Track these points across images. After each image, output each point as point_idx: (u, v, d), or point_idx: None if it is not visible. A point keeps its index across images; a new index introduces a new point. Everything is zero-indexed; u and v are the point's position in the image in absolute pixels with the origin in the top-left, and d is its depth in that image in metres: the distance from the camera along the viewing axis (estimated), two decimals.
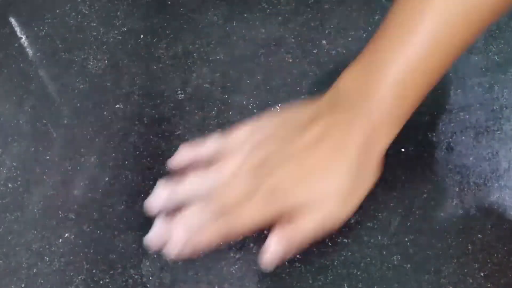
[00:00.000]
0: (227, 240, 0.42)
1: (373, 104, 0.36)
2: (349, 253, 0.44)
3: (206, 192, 0.41)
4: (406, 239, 0.44)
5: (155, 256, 0.45)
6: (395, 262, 0.43)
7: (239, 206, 0.39)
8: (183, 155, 0.44)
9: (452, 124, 0.47)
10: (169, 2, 0.55)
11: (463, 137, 0.47)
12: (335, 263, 0.43)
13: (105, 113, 0.50)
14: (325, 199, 0.38)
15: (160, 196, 0.42)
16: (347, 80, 0.39)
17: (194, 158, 0.43)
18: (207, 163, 0.42)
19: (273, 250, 0.39)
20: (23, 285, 0.45)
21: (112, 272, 0.44)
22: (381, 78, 0.35)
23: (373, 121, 0.36)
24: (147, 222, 0.46)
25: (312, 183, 0.38)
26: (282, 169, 0.38)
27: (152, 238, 0.41)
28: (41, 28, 0.54)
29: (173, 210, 0.42)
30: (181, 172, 0.43)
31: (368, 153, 0.38)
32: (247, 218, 0.39)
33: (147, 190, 0.47)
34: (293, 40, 0.52)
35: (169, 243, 0.41)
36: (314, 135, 0.38)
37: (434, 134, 0.47)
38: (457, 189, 0.45)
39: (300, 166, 0.38)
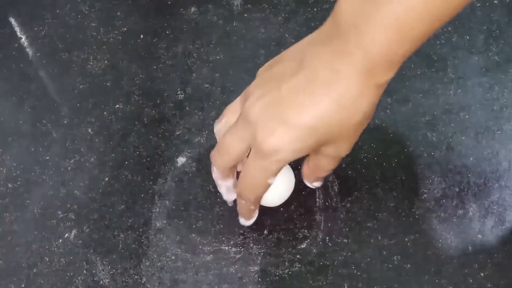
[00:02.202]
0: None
1: (367, 45, 0.32)
2: (349, 253, 0.44)
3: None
4: (406, 239, 0.44)
5: (155, 256, 0.45)
6: (395, 262, 0.43)
7: (245, 174, 0.39)
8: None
9: (452, 124, 0.47)
10: (169, 2, 0.55)
11: (463, 137, 0.47)
12: (335, 263, 0.43)
13: (105, 113, 0.50)
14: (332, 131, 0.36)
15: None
16: (345, 10, 0.34)
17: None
18: None
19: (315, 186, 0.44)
20: (23, 285, 0.45)
21: (112, 272, 0.44)
22: (377, 19, 0.32)
23: (365, 62, 0.33)
24: (147, 222, 0.46)
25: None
26: (268, 124, 0.36)
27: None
28: (41, 28, 0.54)
29: None
30: None
31: (362, 86, 0.34)
32: (255, 186, 0.39)
33: (147, 190, 0.47)
34: (293, 40, 0.52)
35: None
36: (306, 73, 0.35)
37: (434, 134, 0.47)
38: (457, 189, 0.45)
39: (288, 114, 0.35)
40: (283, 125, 0.35)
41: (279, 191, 0.43)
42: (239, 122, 0.38)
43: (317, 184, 0.44)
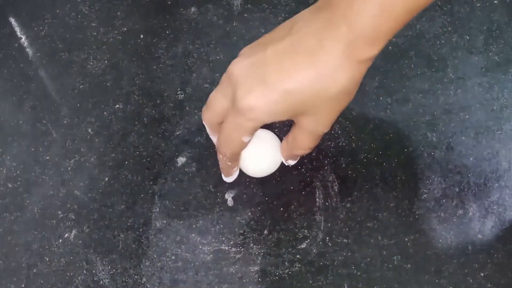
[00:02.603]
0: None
1: (352, 17, 0.33)
2: (349, 253, 0.44)
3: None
4: (406, 239, 0.44)
5: (155, 256, 0.45)
6: (395, 262, 0.43)
7: (223, 130, 0.40)
8: None
9: (452, 124, 0.47)
10: (169, 2, 0.55)
11: (463, 137, 0.47)
12: (335, 263, 0.43)
13: (105, 113, 0.50)
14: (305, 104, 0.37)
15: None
16: None
17: None
18: None
19: (288, 163, 0.44)
20: (23, 285, 0.45)
21: (112, 272, 0.44)
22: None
23: (349, 34, 0.34)
24: (147, 222, 0.46)
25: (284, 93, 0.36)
26: (248, 84, 0.37)
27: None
28: (41, 28, 0.54)
29: None
30: None
31: (344, 57, 0.35)
32: (231, 142, 0.40)
33: (147, 190, 0.47)
34: None
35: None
36: (293, 39, 0.36)
37: (434, 134, 0.47)
38: (457, 189, 0.45)
39: (268, 77, 0.36)
40: (262, 85, 0.36)
41: (266, 161, 0.44)
42: (224, 79, 0.39)
43: (291, 162, 0.44)
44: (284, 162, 0.44)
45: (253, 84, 0.36)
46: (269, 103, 0.36)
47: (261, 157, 0.43)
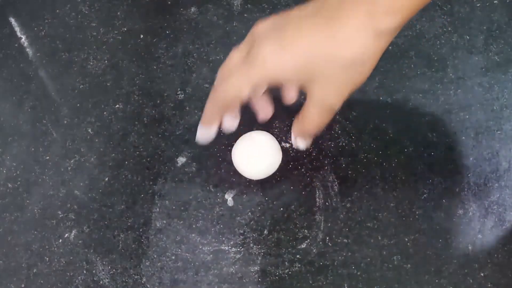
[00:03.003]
0: (225, 111, 0.42)
1: None
2: (349, 253, 0.44)
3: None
4: (406, 239, 0.44)
5: (155, 256, 0.45)
6: (395, 262, 0.43)
7: (228, 76, 0.40)
8: None
9: (452, 124, 0.47)
10: (169, 2, 0.55)
11: (463, 137, 0.47)
12: (335, 263, 0.43)
13: (105, 113, 0.50)
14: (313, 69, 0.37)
15: None
16: None
17: None
18: None
19: (297, 145, 0.43)
20: (23, 285, 0.45)
21: (112, 272, 0.44)
22: None
23: (369, 3, 0.35)
24: (147, 222, 0.46)
25: (294, 52, 0.37)
26: (266, 39, 0.38)
27: None
28: (41, 28, 0.54)
29: None
30: None
31: (362, 30, 0.36)
32: (230, 86, 0.40)
33: (147, 190, 0.47)
34: None
35: None
36: (316, 4, 0.38)
37: (434, 134, 0.47)
38: (457, 189, 0.45)
39: (286, 35, 0.37)
40: (278, 42, 0.37)
41: (264, 163, 0.44)
42: (246, 38, 0.40)
43: (301, 143, 0.43)
44: (293, 143, 0.43)
45: (270, 41, 0.37)
46: (281, 61, 0.37)
47: (259, 159, 0.44)
